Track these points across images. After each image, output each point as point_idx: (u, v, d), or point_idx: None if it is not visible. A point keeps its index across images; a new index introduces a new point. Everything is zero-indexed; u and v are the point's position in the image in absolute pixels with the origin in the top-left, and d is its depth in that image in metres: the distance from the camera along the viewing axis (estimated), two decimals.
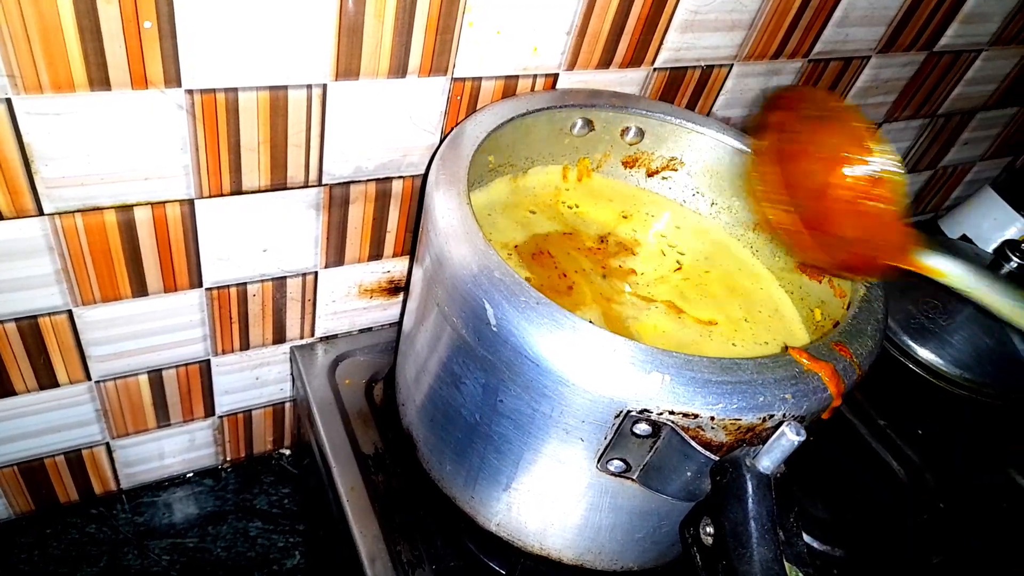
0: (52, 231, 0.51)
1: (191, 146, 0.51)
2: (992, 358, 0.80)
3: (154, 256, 0.56)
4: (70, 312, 0.57)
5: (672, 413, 0.40)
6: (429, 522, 0.60)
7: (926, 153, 1.05)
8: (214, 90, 0.49)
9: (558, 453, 0.46)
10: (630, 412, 0.41)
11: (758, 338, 0.56)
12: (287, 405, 0.78)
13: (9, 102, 0.44)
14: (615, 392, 0.41)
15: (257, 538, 0.75)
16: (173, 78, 0.47)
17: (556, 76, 0.62)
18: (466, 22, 0.55)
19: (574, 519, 0.50)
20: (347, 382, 0.70)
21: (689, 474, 0.42)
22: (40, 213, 0.50)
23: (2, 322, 0.55)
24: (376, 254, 0.68)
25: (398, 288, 0.73)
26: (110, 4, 0.43)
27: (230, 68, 0.49)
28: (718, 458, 0.40)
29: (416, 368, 0.55)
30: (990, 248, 0.98)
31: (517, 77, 0.61)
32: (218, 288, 0.62)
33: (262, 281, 0.64)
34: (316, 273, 0.66)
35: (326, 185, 0.60)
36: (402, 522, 0.60)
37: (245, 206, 0.57)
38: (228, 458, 0.79)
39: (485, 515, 0.54)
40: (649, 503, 0.48)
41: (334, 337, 0.73)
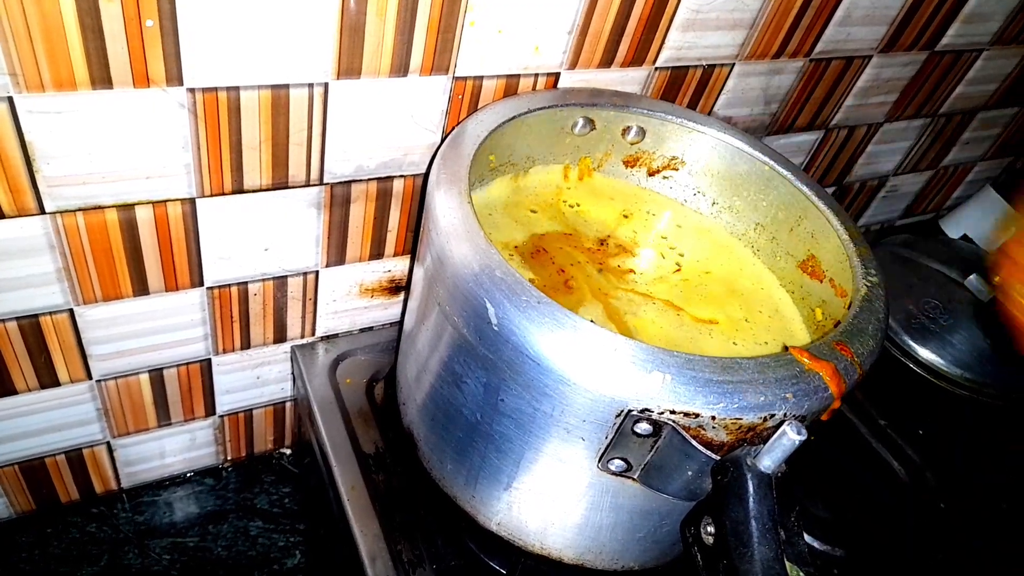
0: (53, 230, 0.51)
1: (192, 145, 0.51)
2: (992, 358, 0.80)
3: (155, 255, 0.56)
4: (71, 311, 0.57)
5: (673, 412, 0.40)
6: (430, 521, 0.61)
7: (927, 153, 1.05)
8: (216, 89, 0.49)
9: (559, 452, 0.46)
10: (631, 411, 0.41)
11: (758, 338, 0.56)
12: (288, 404, 0.78)
13: (11, 100, 0.44)
14: (616, 391, 0.41)
15: (258, 537, 0.75)
16: (175, 77, 0.47)
17: (557, 75, 0.62)
18: (468, 21, 0.55)
19: (575, 518, 0.50)
20: (348, 381, 0.70)
21: (690, 473, 0.42)
22: (41, 212, 0.50)
23: (3, 321, 0.55)
24: (377, 253, 0.68)
25: (399, 287, 0.73)
26: (112, 2, 0.43)
27: (232, 67, 0.49)
28: (719, 457, 0.40)
29: (417, 367, 0.55)
30: (990, 248, 0.98)
31: (518, 76, 0.61)
32: (219, 287, 0.62)
33: (263, 280, 0.64)
34: (317, 272, 0.66)
35: (327, 184, 0.60)
36: (403, 521, 0.60)
37: (246, 205, 0.57)
38: (229, 457, 0.79)
39: (486, 514, 0.54)
40: (650, 502, 0.48)
41: (335, 336, 0.73)
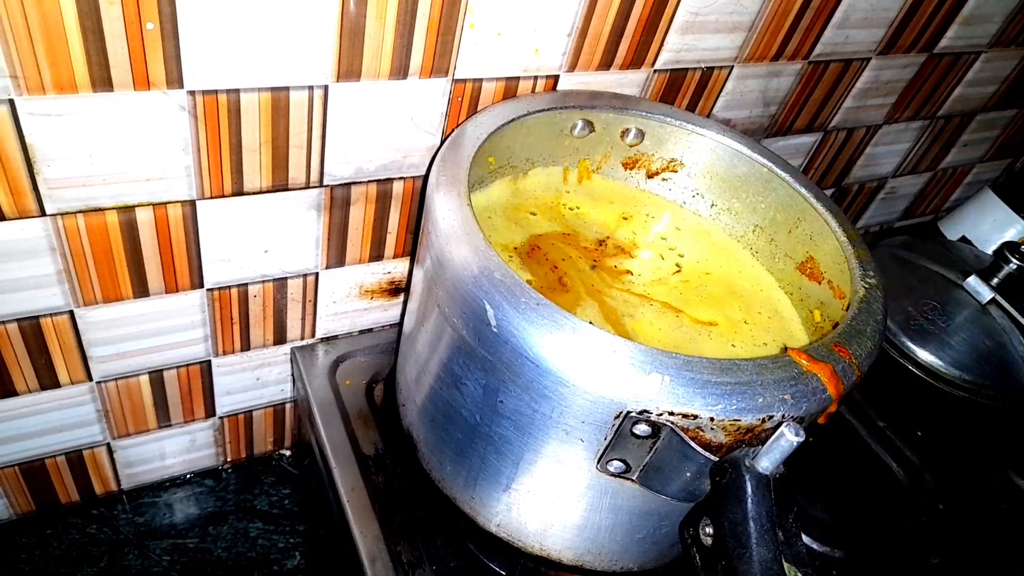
0: (54, 231, 0.51)
1: (193, 147, 0.52)
2: (991, 360, 0.80)
3: (155, 257, 0.57)
4: (71, 312, 0.57)
5: (672, 414, 0.41)
6: (429, 522, 0.61)
7: (926, 155, 1.05)
8: (216, 91, 0.49)
9: (558, 454, 0.46)
10: (630, 413, 0.41)
11: (757, 339, 0.56)
12: (287, 406, 0.78)
13: (12, 103, 0.44)
14: (615, 393, 0.41)
15: (257, 538, 0.75)
16: (175, 79, 0.48)
17: (557, 77, 0.63)
18: (467, 24, 0.55)
19: (574, 519, 0.50)
20: (347, 383, 0.70)
21: (688, 475, 0.42)
22: (42, 214, 0.50)
23: (4, 322, 0.55)
24: (377, 255, 0.68)
25: (399, 289, 0.73)
26: (112, 5, 0.43)
27: (232, 69, 0.49)
28: (717, 459, 0.40)
29: (417, 369, 0.55)
30: (989, 250, 0.98)
31: (518, 78, 0.61)
32: (219, 289, 0.62)
33: (263, 282, 0.64)
34: (317, 274, 0.66)
35: (327, 186, 0.60)
36: (402, 522, 0.60)
37: (246, 207, 0.57)
38: (229, 459, 0.79)
39: (485, 515, 0.54)
40: (649, 504, 0.48)
41: (335, 338, 0.74)
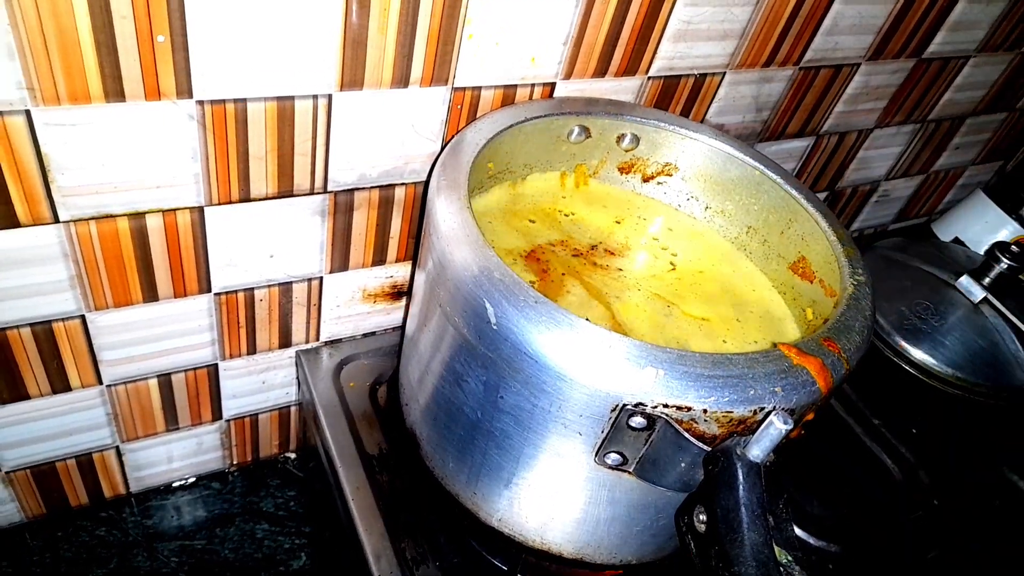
0: (67, 238, 0.53)
1: (201, 155, 0.53)
2: (984, 358, 0.81)
3: (165, 262, 0.58)
4: (83, 317, 0.58)
5: (666, 406, 0.42)
6: (433, 519, 0.62)
7: (918, 158, 1.06)
8: (224, 101, 0.51)
9: (557, 447, 0.47)
10: (626, 406, 0.42)
11: (749, 337, 0.57)
12: (293, 409, 0.79)
13: (28, 113, 0.46)
14: (611, 387, 0.42)
15: (264, 540, 0.77)
16: (185, 90, 0.49)
17: (553, 85, 0.64)
18: (466, 34, 0.56)
19: (574, 513, 0.52)
20: (351, 385, 0.72)
21: (683, 465, 0.43)
22: (56, 221, 0.52)
23: (17, 327, 0.56)
24: (380, 259, 0.70)
25: (401, 293, 0.74)
26: (125, 20, 0.44)
27: (239, 79, 0.51)
28: (710, 449, 0.42)
29: (419, 369, 0.56)
30: (982, 250, 1.00)
31: (516, 86, 0.63)
32: (226, 293, 0.63)
33: (269, 286, 0.65)
34: (321, 278, 0.68)
35: (331, 192, 0.61)
36: (406, 520, 0.62)
37: (253, 213, 0.59)
38: (235, 462, 0.80)
39: (487, 511, 0.56)
40: (646, 496, 0.49)
41: (339, 341, 0.75)
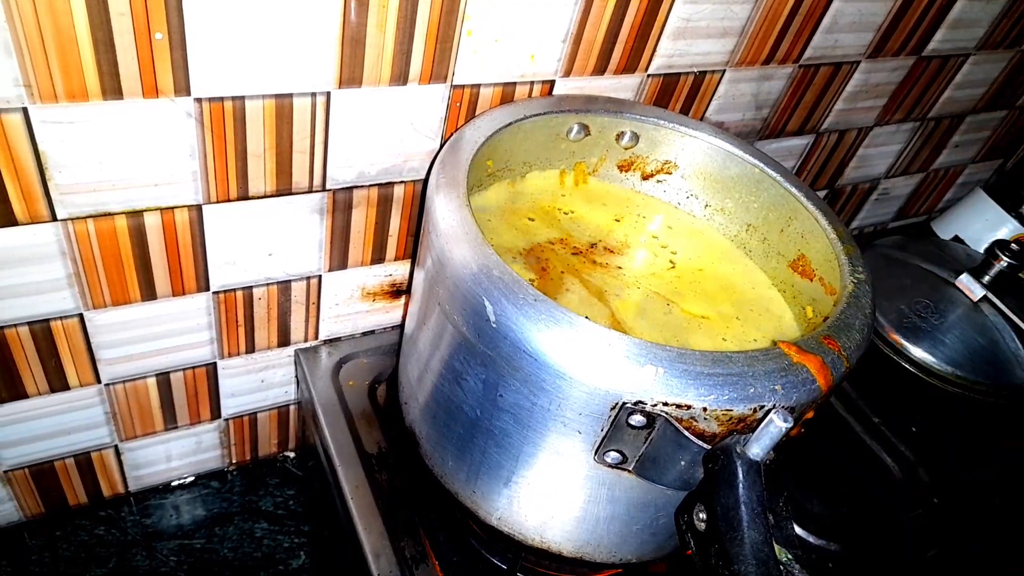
0: (65, 236, 0.53)
1: (199, 153, 0.53)
2: (983, 356, 0.81)
3: (163, 260, 0.58)
4: (81, 316, 0.58)
5: (666, 404, 0.42)
6: (432, 518, 0.62)
7: (918, 156, 1.06)
8: (222, 98, 0.51)
9: (557, 446, 0.47)
10: (625, 404, 0.42)
11: (748, 335, 0.57)
12: (292, 408, 0.79)
13: (25, 111, 0.46)
14: (611, 385, 0.42)
15: (263, 539, 0.77)
16: (183, 87, 0.49)
17: (553, 83, 0.64)
18: (465, 31, 0.56)
19: (573, 511, 0.52)
20: (351, 384, 0.72)
21: (683, 463, 0.43)
22: (53, 219, 0.51)
23: (15, 326, 0.56)
24: (378, 258, 0.70)
25: (400, 291, 0.74)
26: (123, 16, 0.44)
27: (237, 77, 0.50)
28: (710, 447, 0.42)
29: (419, 367, 0.56)
30: (981, 249, 1.00)
31: (515, 84, 0.62)
32: (225, 292, 0.63)
33: (267, 285, 0.65)
34: (320, 277, 0.68)
35: (330, 190, 0.61)
36: (406, 519, 0.62)
37: (251, 211, 0.59)
38: (234, 460, 0.80)
39: (487, 510, 0.55)
40: (645, 494, 0.49)
41: (337, 340, 0.75)
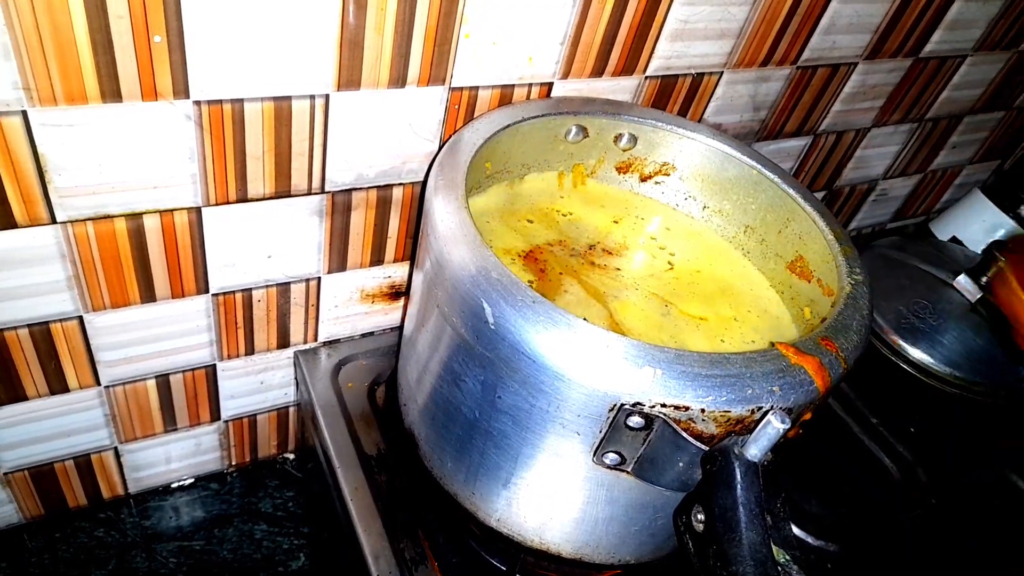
0: (64, 239, 0.53)
1: (198, 155, 0.53)
2: (982, 357, 0.82)
3: (162, 263, 0.58)
4: (80, 318, 0.58)
5: (664, 406, 0.42)
6: (431, 519, 0.62)
7: (915, 157, 1.07)
8: (221, 101, 0.51)
9: (555, 447, 0.47)
10: (624, 405, 0.42)
11: (746, 337, 0.57)
12: (291, 409, 0.79)
13: (25, 114, 0.46)
14: (609, 386, 0.42)
15: (262, 540, 0.77)
16: (181, 90, 0.49)
17: (551, 85, 0.64)
18: (463, 33, 0.56)
19: (572, 513, 0.52)
20: (350, 385, 0.72)
21: (681, 465, 0.43)
22: (53, 221, 0.52)
23: (15, 328, 0.56)
24: (377, 259, 0.70)
25: (399, 293, 0.74)
26: (122, 19, 0.44)
27: (236, 80, 0.51)
28: (708, 448, 0.42)
29: (418, 369, 0.56)
30: (979, 249, 1.00)
31: (513, 86, 0.63)
32: (224, 294, 0.63)
33: (267, 287, 0.65)
34: (319, 279, 0.68)
35: (329, 192, 0.61)
36: (405, 520, 0.62)
37: (250, 213, 0.59)
38: (233, 462, 0.80)
39: (486, 511, 0.56)
40: (644, 495, 0.49)
41: (337, 342, 0.75)
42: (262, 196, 0.58)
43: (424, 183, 0.65)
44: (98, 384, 0.64)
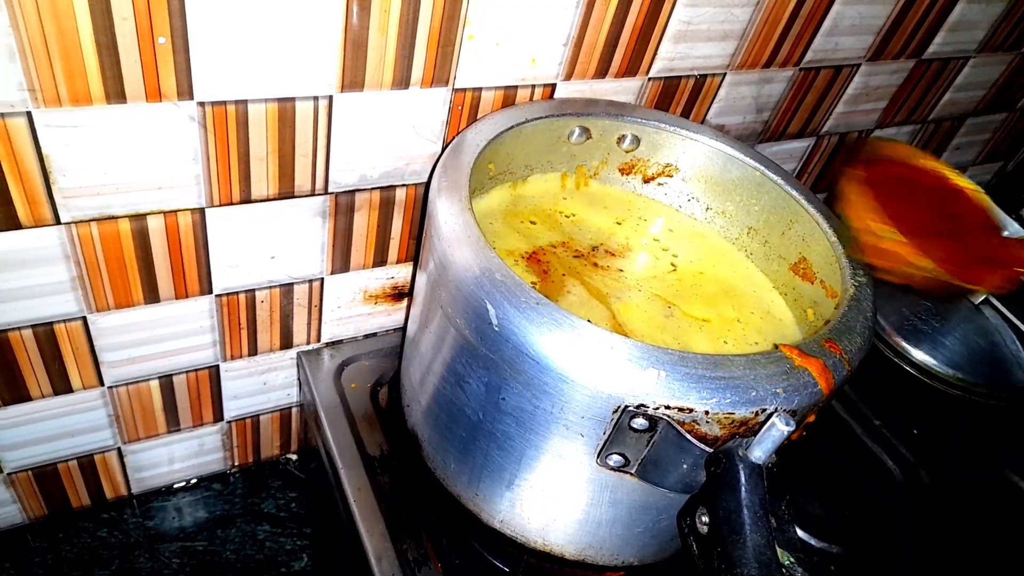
0: (68, 240, 0.53)
1: (202, 156, 0.53)
2: (984, 358, 0.81)
3: (166, 264, 0.58)
4: (84, 319, 0.58)
5: (668, 408, 0.42)
6: (434, 521, 0.62)
7: None
8: (225, 102, 0.51)
9: (559, 449, 0.47)
10: (627, 407, 0.42)
11: (749, 338, 0.57)
12: (294, 410, 0.79)
13: (29, 115, 0.46)
14: (613, 388, 0.42)
15: (265, 541, 0.77)
16: (186, 91, 0.49)
17: (554, 86, 0.64)
18: (466, 35, 0.56)
19: (575, 514, 0.52)
20: (353, 386, 0.72)
21: (685, 466, 0.43)
22: (57, 222, 0.52)
23: (19, 328, 0.56)
24: (380, 260, 0.70)
25: (402, 294, 0.74)
26: (126, 21, 0.45)
27: (240, 81, 0.51)
28: (712, 450, 0.42)
29: (421, 370, 0.56)
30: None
31: (516, 87, 0.63)
32: (227, 295, 0.63)
33: (270, 288, 0.65)
34: (322, 280, 0.68)
35: (332, 193, 0.61)
36: (408, 521, 0.62)
37: (254, 214, 0.59)
38: (236, 463, 0.80)
39: (489, 512, 0.56)
40: (648, 497, 0.49)
41: (340, 342, 0.75)
42: (266, 197, 0.58)
43: (427, 184, 0.65)
44: (102, 385, 0.64)
